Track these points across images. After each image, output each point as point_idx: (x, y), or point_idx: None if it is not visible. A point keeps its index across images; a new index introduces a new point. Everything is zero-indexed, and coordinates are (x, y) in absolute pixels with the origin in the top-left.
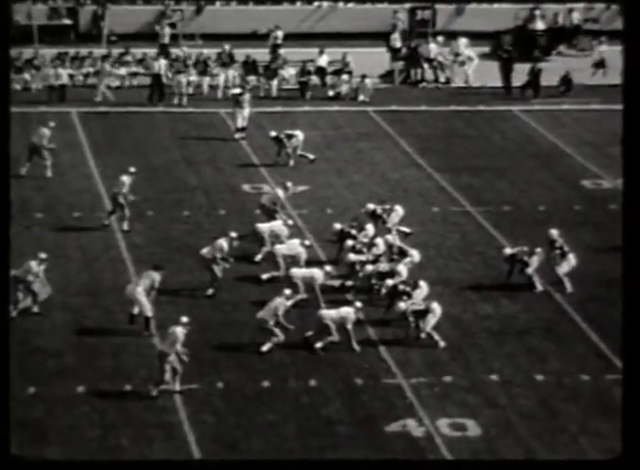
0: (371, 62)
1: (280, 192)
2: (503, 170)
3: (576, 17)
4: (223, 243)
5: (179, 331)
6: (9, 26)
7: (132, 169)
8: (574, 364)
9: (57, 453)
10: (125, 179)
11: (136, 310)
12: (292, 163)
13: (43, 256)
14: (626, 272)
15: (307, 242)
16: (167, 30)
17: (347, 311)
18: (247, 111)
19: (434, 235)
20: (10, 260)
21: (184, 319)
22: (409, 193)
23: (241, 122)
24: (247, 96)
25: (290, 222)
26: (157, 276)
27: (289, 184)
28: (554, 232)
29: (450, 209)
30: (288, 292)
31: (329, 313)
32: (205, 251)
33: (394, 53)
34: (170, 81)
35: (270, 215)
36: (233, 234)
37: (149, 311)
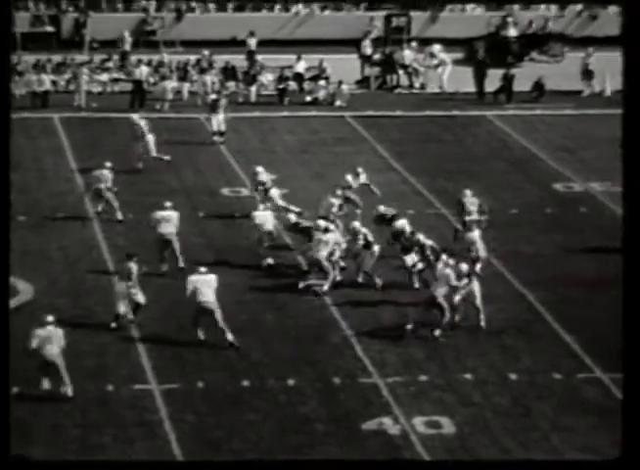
0: (347, 68)
1: (349, 178)
2: (477, 174)
3: (549, 24)
4: None
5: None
6: (9, 35)
7: (109, 164)
8: (547, 363)
9: (40, 453)
10: (106, 173)
11: (122, 310)
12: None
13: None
14: (626, 273)
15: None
16: (128, 38)
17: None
18: (222, 116)
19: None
20: (10, 262)
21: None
22: (386, 196)
23: (217, 127)
24: (223, 101)
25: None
26: (134, 265)
27: (359, 169)
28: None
29: (425, 211)
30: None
31: (440, 291)
32: None
33: (365, 59)
34: (152, 87)
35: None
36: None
37: (142, 299)
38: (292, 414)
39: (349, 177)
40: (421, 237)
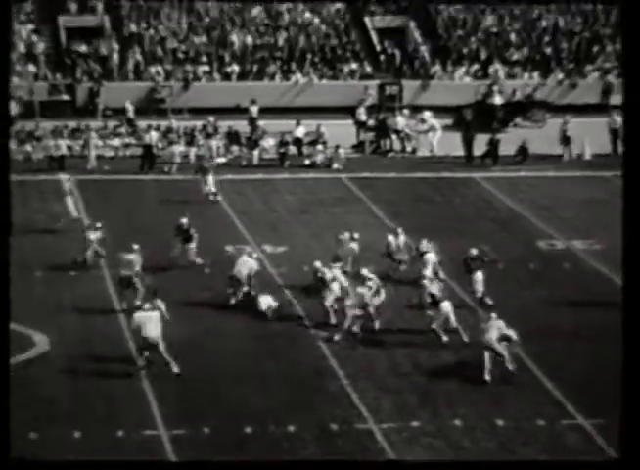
0: (344, 133)
1: (391, 237)
2: (464, 232)
3: (532, 92)
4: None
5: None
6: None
7: (136, 246)
8: (531, 410)
9: None
10: (134, 258)
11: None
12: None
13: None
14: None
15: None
16: (130, 106)
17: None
18: (211, 178)
19: (404, 290)
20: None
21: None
22: (380, 253)
23: (210, 188)
24: (212, 164)
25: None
26: (160, 303)
27: (399, 230)
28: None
29: (417, 267)
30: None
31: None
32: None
33: (360, 125)
34: (161, 151)
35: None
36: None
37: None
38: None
39: (391, 237)
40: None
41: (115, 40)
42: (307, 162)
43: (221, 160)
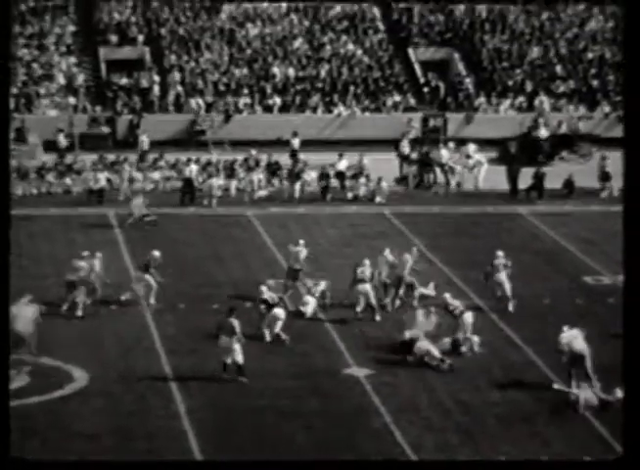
0: (387, 166)
1: (408, 257)
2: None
3: (579, 124)
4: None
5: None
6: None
7: (86, 253)
8: (577, 447)
9: None
10: (83, 264)
11: (229, 360)
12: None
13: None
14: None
15: None
16: (145, 139)
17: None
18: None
19: (445, 325)
20: (9, 265)
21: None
22: (422, 285)
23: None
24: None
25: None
26: (235, 322)
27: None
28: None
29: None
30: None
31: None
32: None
33: (404, 158)
34: (201, 185)
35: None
36: None
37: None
38: None
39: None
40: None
41: (156, 72)
42: (350, 195)
43: (262, 193)
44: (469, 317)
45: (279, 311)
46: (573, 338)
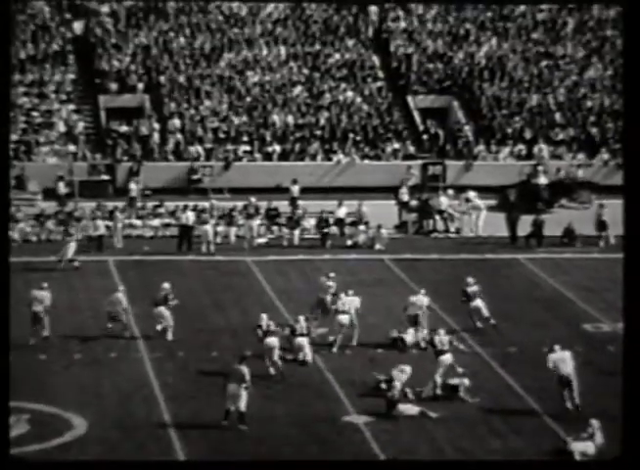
0: (386, 213)
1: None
2: (509, 313)
3: (578, 172)
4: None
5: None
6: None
7: (45, 284)
8: None
9: None
10: (44, 294)
11: (232, 407)
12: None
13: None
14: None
15: None
16: (134, 186)
17: None
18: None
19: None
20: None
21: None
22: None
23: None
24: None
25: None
26: (245, 369)
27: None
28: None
29: (459, 349)
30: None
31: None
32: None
33: (403, 205)
34: (198, 231)
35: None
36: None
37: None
38: None
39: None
40: None
41: (156, 120)
42: (349, 242)
43: (262, 240)
44: (447, 359)
45: (271, 340)
46: (561, 361)
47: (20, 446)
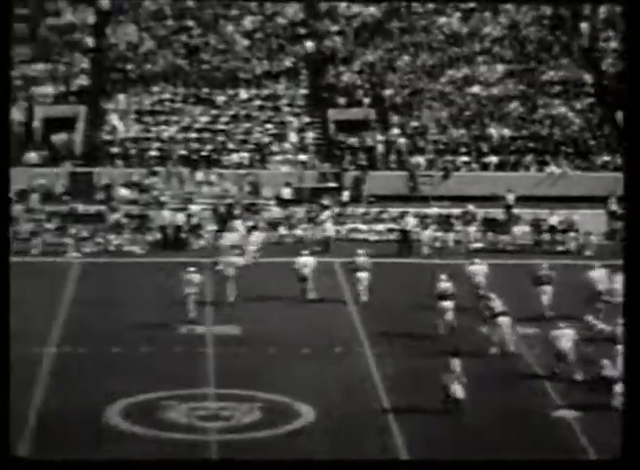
0: (595, 222)
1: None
2: None
3: None
4: None
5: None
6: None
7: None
8: None
9: None
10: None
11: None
12: None
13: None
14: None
15: None
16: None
17: None
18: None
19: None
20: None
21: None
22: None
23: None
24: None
25: None
26: (456, 362)
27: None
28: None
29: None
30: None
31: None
32: None
33: (612, 215)
34: (417, 236)
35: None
36: None
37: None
38: None
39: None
40: None
41: (380, 132)
42: (560, 248)
43: (477, 245)
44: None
45: (503, 320)
46: (562, 335)
47: (253, 431)
